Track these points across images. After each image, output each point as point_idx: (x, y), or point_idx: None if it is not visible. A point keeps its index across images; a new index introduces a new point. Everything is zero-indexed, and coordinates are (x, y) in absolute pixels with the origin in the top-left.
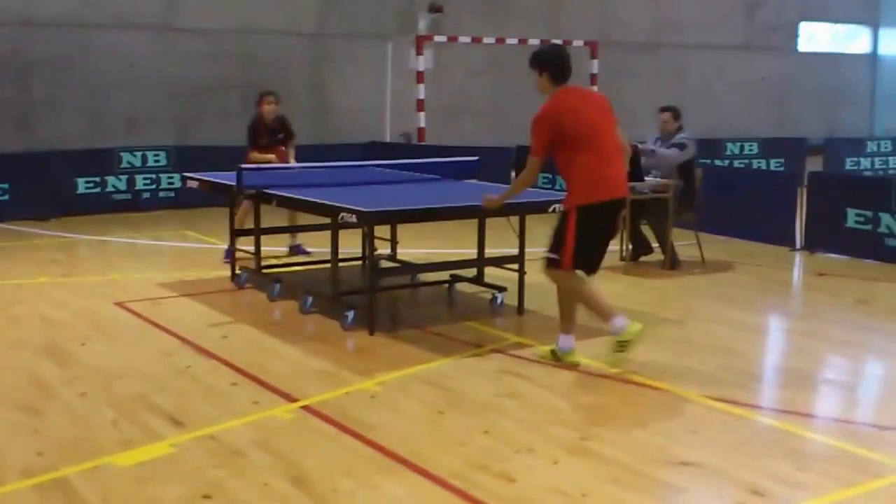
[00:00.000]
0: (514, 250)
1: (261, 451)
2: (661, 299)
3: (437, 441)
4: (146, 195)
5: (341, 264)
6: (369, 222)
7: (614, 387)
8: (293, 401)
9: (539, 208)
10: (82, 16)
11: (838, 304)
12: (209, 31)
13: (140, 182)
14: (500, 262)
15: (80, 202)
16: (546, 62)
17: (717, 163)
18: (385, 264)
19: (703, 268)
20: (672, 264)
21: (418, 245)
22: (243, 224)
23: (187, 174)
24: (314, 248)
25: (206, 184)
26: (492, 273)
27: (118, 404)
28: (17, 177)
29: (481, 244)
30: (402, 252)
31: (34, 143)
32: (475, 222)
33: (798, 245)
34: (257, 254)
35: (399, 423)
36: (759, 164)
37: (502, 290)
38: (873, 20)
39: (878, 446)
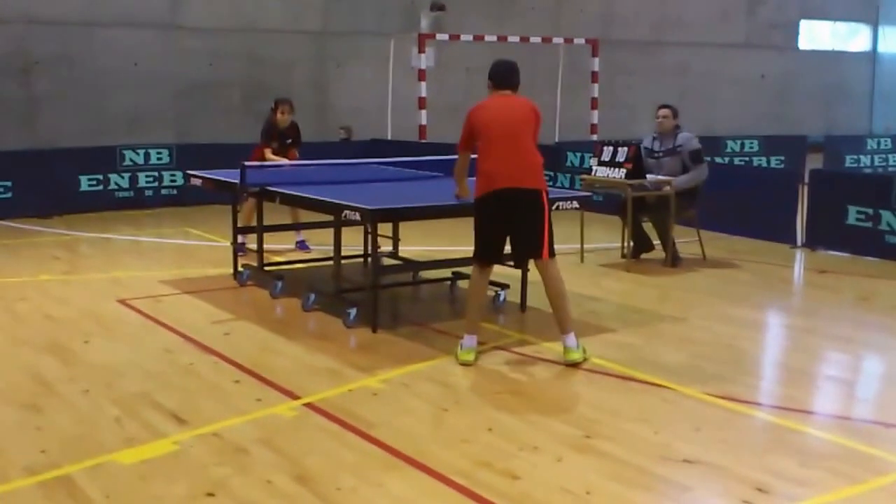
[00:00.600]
0: None
1: (264, 448)
2: (662, 296)
3: (440, 438)
4: (149, 193)
5: (343, 262)
6: (372, 219)
7: (617, 384)
8: (296, 398)
9: None
10: (86, 14)
11: (839, 300)
12: (212, 29)
13: (143, 180)
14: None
15: (82, 199)
16: (489, 74)
17: (718, 160)
18: (387, 262)
19: (705, 265)
20: (673, 261)
21: (420, 242)
22: (249, 221)
23: (191, 172)
24: (316, 245)
25: (209, 181)
26: (494, 270)
27: (121, 402)
28: (20, 174)
29: None
30: (404, 249)
31: (37, 140)
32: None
33: (799, 242)
34: (260, 251)
35: (402, 420)
36: (759, 161)
37: (505, 287)
38: (873, 18)
39: (883, 443)
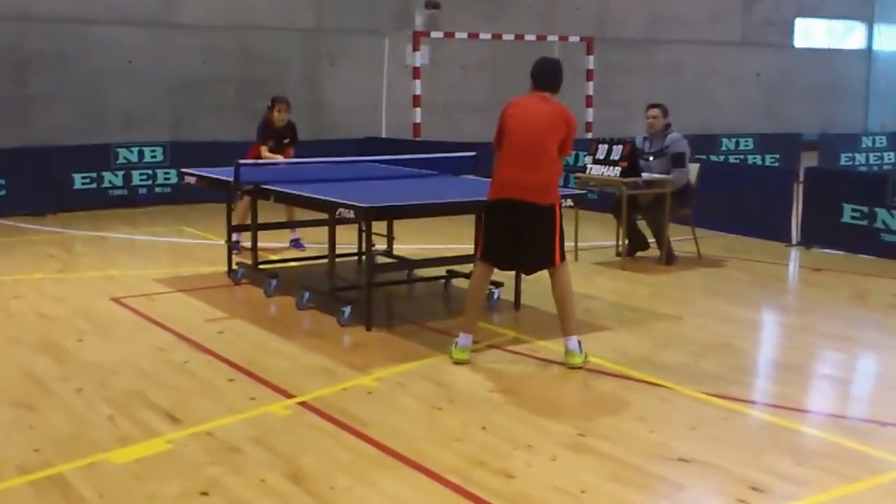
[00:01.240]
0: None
1: (258, 447)
2: (657, 295)
3: (434, 437)
4: (143, 191)
5: (338, 260)
6: (367, 217)
7: (611, 383)
8: (290, 397)
9: None
10: (80, 11)
11: (835, 299)
12: (206, 26)
13: (136, 178)
14: None
15: (76, 198)
16: (532, 72)
17: (713, 158)
18: (382, 260)
19: (700, 263)
20: (668, 260)
21: (415, 241)
22: (244, 220)
23: (185, 169)
24: (310, 243)
25: (203, 179)
26: None
27: (114, 400)
28: (14, 172)
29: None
30: (399, 248)
31: (31, 138)
32: (471, 218)
33: (794, 240)
34: (254, 249)
35: (396, 419)
36: (754, 159)
37: (499, 285)
38: (868, 16)
39: (878, 442)
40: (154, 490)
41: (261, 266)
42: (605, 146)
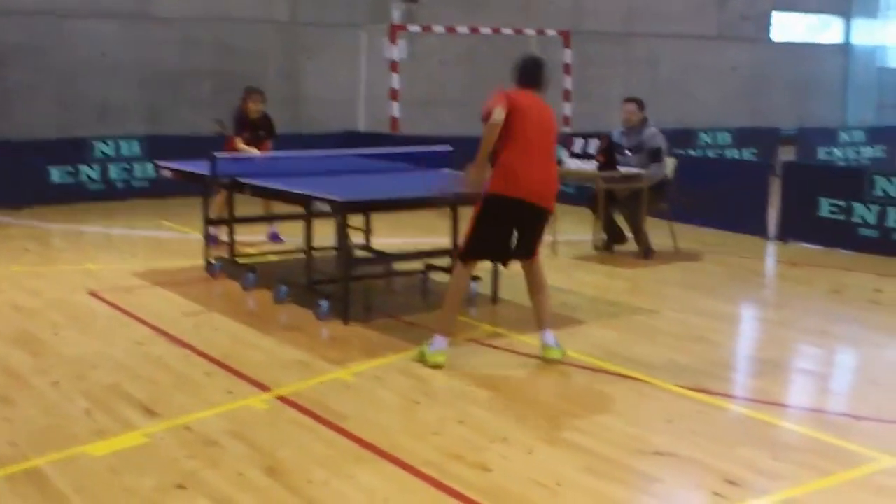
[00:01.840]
0: None
1: (235, 440)
2: (634, 288)
3: (411, 431)
4: (120, 184)
5: (315, 254)
6: (343, 211)
7: (588, 376)
8: (267, 390)
9: None
10: (56, 4)
11: (812, 293)
12: (182, 19)
13: (113, 171)
14: None
15: (53, 191)
16: (516, 71)
17: (691, 153)
18: (359, 254)
19: (677, 257)
20: (646, 254)
21: (392, 234)
22: (222, 213)
23: (160, 163)
24: (288, 237)
25: (179, 172)
26: None
27: (91, 394)
28: None
29: (455, 233)
30: (377, 242)
31: (7, 131)
32: (448, 211)
33: (771, 235)
34: (231, 243)
35: (374, 412)
36: (731, 153)
37: (476, 279)
38: (846, 10)
39: (854, 436)
40: (131, 483)
41: (238, 260)
42: (582, 140)
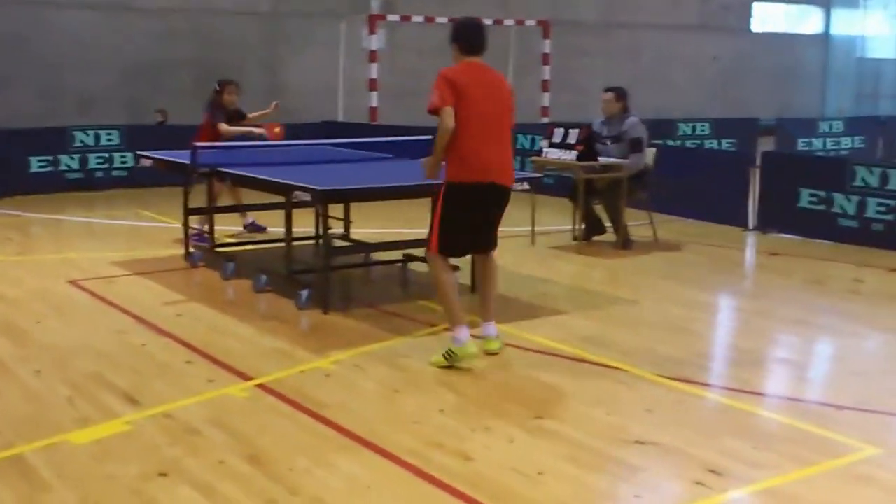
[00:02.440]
0: None
1: (216, 429)
2: (613, 279)
3: (392, 419)
4: (99, 174)
5: (295, 243)
6: (323, 200)
7: (569, 366)
8: (248, 379)
9: None
10: None
11: (791, 283)
12: (163, 9)
13: (93, 161)
14: None
15: (33, 181)
16: (456, 36)
17: (670, 143)
18: (338, 243)
19: (657, 248)
20: (625, 244)
21: (371, 224)
22: (230, 200)
23: (141, 152)
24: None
25: (160, 162)
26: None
27: (73, 382)
28: None
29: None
30: (356, 231)
31: None
32: (428, 201)
33: (751, 225)
34: (210, 233)
35: (354, 401)
36: (711, 144)
37: (456, 269)
38: (825, 0)
39: (835, 425)
40: (113, 471)
41: (218, 249)
42: (562, 130)
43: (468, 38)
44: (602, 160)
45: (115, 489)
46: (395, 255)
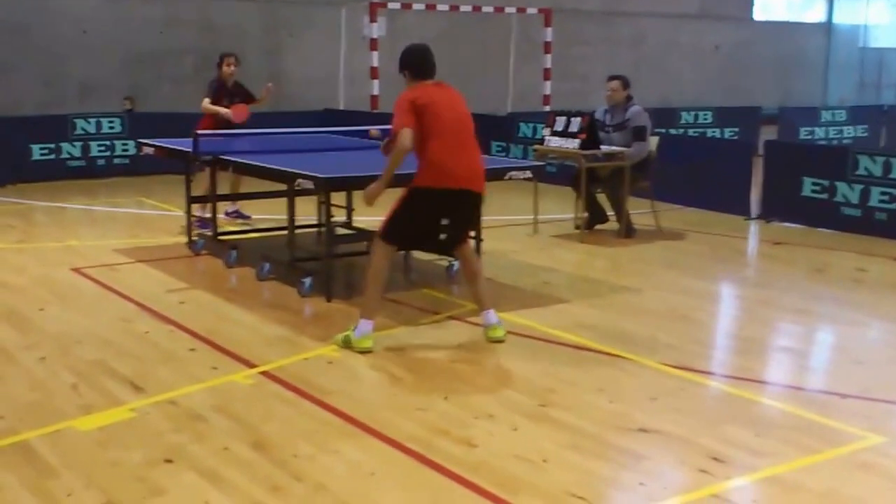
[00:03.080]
0: None
1: (221, 415)
2: (616, 268)
3: (396, 407)
4: (101, 162)
5: (297, 232)
6: (326, 188)
7: (572, 354)
8: (252, 366)
9: (496, 176)
10: None
11: (794, 272)
12: None
13: (95, 149)
14: None
15: (34, 169)
16: (405, 63)
17: (672, 132)
18: (341, 231)
19: (659, 236)
20: (627, 233)
21: (374, 212)
22: (235, 188)
23: (142, 140)
24: (267, 215)
25: (162, 150)
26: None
27: (78, 369)
28: None
29: None
30: (358, 219)
31: None
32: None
33: (754, 214)
34: (213, 220)
35: (358, 388)
36: (713, 133)
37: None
38: None
39: (838, 414)
40: (118, 457)
41: (220, 237)
42: (564, 118)
43: (416, 64)
44: (605, 149)
45: (120, 475)
46: None
